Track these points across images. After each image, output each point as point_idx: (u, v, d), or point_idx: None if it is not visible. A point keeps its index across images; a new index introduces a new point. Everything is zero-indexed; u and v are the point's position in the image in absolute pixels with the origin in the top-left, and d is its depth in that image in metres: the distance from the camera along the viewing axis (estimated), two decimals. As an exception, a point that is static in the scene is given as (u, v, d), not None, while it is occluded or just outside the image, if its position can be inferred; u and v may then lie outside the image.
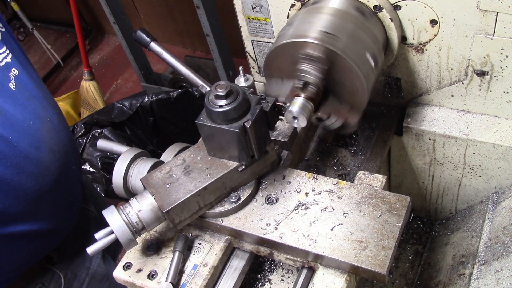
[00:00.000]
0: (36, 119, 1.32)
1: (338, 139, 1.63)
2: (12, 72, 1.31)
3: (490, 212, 1.46)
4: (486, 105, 1.41)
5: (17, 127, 1.26)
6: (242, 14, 1.52)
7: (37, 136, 1.31)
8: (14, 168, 1.23)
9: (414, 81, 1.46)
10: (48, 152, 1.34)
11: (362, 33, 1.24)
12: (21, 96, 1.30)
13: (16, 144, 1.24)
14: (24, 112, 1.29)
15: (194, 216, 1.20)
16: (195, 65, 3.58)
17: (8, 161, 1.22)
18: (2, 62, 1.29)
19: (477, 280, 1.27)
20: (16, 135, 1.24)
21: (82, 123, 2.62)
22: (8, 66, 1.31)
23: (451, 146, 1.48)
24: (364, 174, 1.28)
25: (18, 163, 1.24)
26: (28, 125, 1.29)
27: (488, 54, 1.28)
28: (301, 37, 1.19)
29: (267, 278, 1.34)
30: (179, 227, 1.21)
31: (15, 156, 1.23)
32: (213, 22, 2.75)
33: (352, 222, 1.14)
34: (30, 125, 1.29)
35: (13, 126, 1.25)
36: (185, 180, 1.18)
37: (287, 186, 1.24)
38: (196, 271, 1.19)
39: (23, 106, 1.30)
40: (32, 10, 4.33)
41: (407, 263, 1.71)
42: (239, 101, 1.11)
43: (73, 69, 4.38)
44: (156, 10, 3.86)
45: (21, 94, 1.30)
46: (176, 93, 2.75)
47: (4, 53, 1.31)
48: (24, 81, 1.34)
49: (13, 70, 1.31)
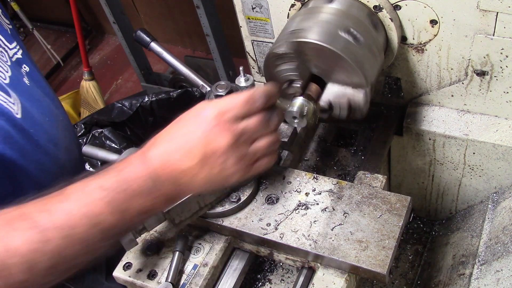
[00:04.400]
0: (51, 116, 1.27)
1: (338, 139, 1.64)
2: (23, 69, 1.25)
3: (490, 212, 1.46)
4: (486, 105, 1.41)
5: (35, 122, 1.20)
6: (242, 14, 1.52)
7: (53, 133, 1.26)
8: (36, 164, 1.17)
9: (414, 81, 1.46)
10: (63, 150, 1.29)
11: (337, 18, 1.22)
12: (35, 92, 1.25)
13: (36, 139, 1.17)
14: (40, 108, 1.23)
15: (194, 216, 1.20)
16: (195, 65, 3.58)
17: (30, 156, 1.15)
18: (13, 57, 1.24)
19: (477, 280, 1.27)
20: (36, 130, 1.18)
21: (82, 123, 2.61)
22: (19, 62, 1.25)
23: (451, 146, 1.48)
24: (364, 174, 1.28)
25: (39, 159, 1.18)
26: (45, 121, 1.23)
27: (488, 54, 1.28)
28: (302, 37, 1.19)
29: (267, 278, 1.34)
30: (179, 227, 1.21)
31: (36, 151, 1.17)
32: (213, 22, 2.75)
33: (352, 222, 1.14)
34: (47, 121, 1.23)
35: (32, 120, 1.18)
36: (185, 180, 1.18)
37: (287, 186, 1.25)
38: (196, 271, 1.19)
39: (39, 102, 1.25)
40: (32, 10, 4.33)
41: (407, 263, 1.71)
42: (239, 101, 1.11)
43: (73, 69, 4.38)
44: (156, 10, 3.86)
45: (35, 91, 1.25)
46: (176, 93, 2.75)
47: (14, 49, 1.25)
48: (35, 78, 1.29)
49: (24, 67, 1.26)
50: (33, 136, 1.16)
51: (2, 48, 1.21)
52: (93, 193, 0.86)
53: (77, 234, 0.83)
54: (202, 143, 0.90)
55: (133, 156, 0.92)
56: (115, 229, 0.88)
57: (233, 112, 0.92)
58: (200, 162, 0.91)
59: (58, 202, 0.84)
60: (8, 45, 1.23)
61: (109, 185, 0.87)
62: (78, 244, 0.84)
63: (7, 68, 1.18)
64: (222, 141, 0.90)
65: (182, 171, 0.91)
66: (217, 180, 0.94)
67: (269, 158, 1.00)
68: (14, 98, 1.14)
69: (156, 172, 0.90)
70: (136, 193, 0.88)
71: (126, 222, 0.89)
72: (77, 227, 0.83)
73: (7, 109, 1.10)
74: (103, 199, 0.85)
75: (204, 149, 0.90)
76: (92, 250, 0.87)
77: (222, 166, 0.92)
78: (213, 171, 0.92)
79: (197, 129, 0.92)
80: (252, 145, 0.95)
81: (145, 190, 0.89)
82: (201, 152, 0.91)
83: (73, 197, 0.85)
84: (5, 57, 1.20)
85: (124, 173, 0.89)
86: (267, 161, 1.00)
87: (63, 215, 0.83)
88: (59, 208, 0.83)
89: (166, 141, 0.93)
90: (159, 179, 0.90)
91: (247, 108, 0.93)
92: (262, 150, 0.97)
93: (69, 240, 0.83)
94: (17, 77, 1.20)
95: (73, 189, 0.87)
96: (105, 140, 2.51)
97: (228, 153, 0.91)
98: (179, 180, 0.92)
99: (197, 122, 0.92)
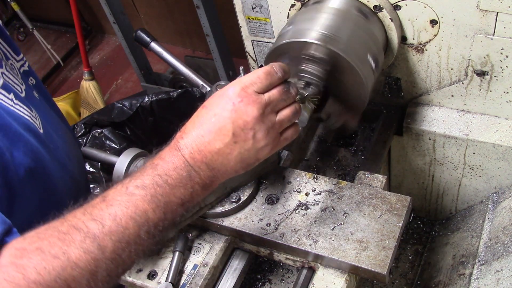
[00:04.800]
0: (60, 129, 1.25)
1: (338, 139, 1.63)
2: (30, 81, 1.23)
3: (490, 212, 1.46)
4: (486, 105, 1.41)
5: (53, 137, 1.18)
6: (242, 14, 1.52)
7: (67, 147, 1.24)
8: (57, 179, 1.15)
9: (414, 81, 1.46)
10: (77, 165, 1.28)
11: (362, 33, 1.24)
12: (44, 105, 1.23)
13: (56, 154, 1.16)
14: (51, 122, 1.21)
15: (194, 217, 1.20)
16: (195, 65, 3.58)
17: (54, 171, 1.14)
18: (21, 69, 1.21)
19: (477, 280, 1.27)
20: (55, 145, 1.17)
21: (82, 123, 2.61)
22: (27, 74, 1.23)
23: (451, 146, 1.48)
24: (364, 174, 1.28)
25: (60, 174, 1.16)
26: (58, 135, 1.21)
27: (488, 54, 1.28)
28: (302, 37, 1.19)
29: (267, 278, 1.34)
30: (180, 227, 1.21)
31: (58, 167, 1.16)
32: (213, 22, 2.75)
33: (352, 222, 1.14)
34: (59, 135, 1.22)
35: (50, 135, 1.16)
36: (185, 180, 1.18)
37: (288, 186, 1.24)
38: (196, 271, 1.19)
39: (49, 115, 1.23)
40: (32, 10, 4.32)
41: (407, 263, 1.71)
42: (239, 101, 1.11)
43: (73, 69, 4.38)
44: (156, 10, 3.86)
45: (43, 104, 1.23)
46: (176, 93, 2.75)
47: (21, 61, 1.22)
48: (42, 91, 1.27)
49: (31, 79, 1.24)
50: (54, 151, 1.15)
51: (11, 60, 1.18)
52: (134, 193, 0.87)
53: (128, 236, 0.84)
54: (231, 120, 0.92)
55: (165, 150, 0.94)
56: (160, 224, 0.89)
57: (256, 85, 0.94)
58: (232, 139, 0.92)
59: (103, 209, 0.85)
60: (16, 57, 1.20)
61: (148, 182, 0.88)
62: (130, 245, 0.85)
63: (20, 81, 1.16)
64: (250, 113, 0.92)
65: (216, 153, 0.92)
66: (249, 157, 0.95)
67: (294, 128, 1.02)
68: (34, 112, 1.12)
69: (191, 159, 0.91)
70: (175, 184, 0.90)
71: (169, 216, 0.90)
72: (126, 229, 0.84)
73: (33, 124, 1.08)
74: (145, 197, 0.87)
75: (234, 125, 0.92)
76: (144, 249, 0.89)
77: (253, 139, 0.93)
78: (245, 147, 0.93)
79: (224, 109, 0.93)
80: (278, 115, 0.97)
81: (183, 180, 0.91)
82: (232, 129, 0.92)
83: (116, 202, 0.86)
84: (15, 69, 1.18)
85: (160, 167, 0.90)
86: (292, 131, 1.01)
87: (111, 220, 0.84)
88: (106, 214, 0.84)
89: (195, 128, 0.94)
90: (194, 165, 0.91)
91: (268, 81, 0.95)
92: (288, 119, 0.98)
93: (122, 244, 0.84)
94: (29, 90, 1.18)
95: (114, 194, 0.87)
96: (105, 140, 2.50)
97: (257, 125, 0.93)
98: (214, 163, 0.93)
99: (223, 103, 0.93)
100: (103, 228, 0.83)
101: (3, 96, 1.04)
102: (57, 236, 0.80)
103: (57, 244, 0.79)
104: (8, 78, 1.09)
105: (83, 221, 0.83)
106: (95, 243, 0.81)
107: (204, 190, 0.94)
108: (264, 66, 0.98)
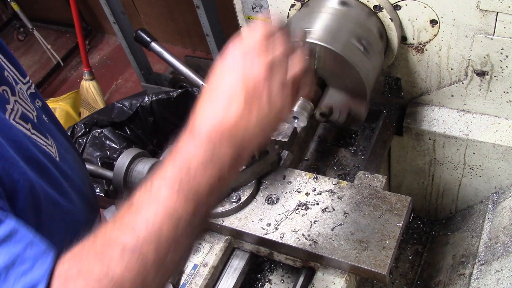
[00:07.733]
0: (69, 152, 1.20)
1: (338, 139, 1.63)
2: (37, 103, 1.17)
3: (490, 212, 1.46)
4: (486, 105, 1.41)
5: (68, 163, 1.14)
6: (242, 14, 1.51)
7: (81, 172, 1.20)
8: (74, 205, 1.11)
9: (414, 81, 1.46)
10: (90, 189, 1.23)
11: (343, 21, 1.22)
12: (53, 129, 1.18)
13: (72, 178, 1.12)
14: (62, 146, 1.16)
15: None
16: (195, 65, 3.58)
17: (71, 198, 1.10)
18: (28, 92, 1.15)
19: (477, 280, 1.27)
20: (71, 172, 1.12)
21: (82, 123, 2.61)
22: (34, 97, 1.16)
23: (451, 146, 1.48)
24: (364, 174, 1.28)
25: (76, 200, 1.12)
26: (70, 160, 1.16)
27: (488, 54, 1.28)
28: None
29: (267, 278, 1.34)
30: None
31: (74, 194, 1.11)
32: (213, 22, 2.75)
33: (352, 222, 1.14)
34: (70, 159, 1.17)
35: (66, 161, 1.12)
36: (185, 180, 1.18)
37: (288, 186, 1.25)
38: (196, 271, 1.19)
39: (60, 139, 1.17)
40: (32, 10, 4.32)
41: (407, 263, 1.71)
42: (239, 101, 1.10)
43: (73, 69, 4.38)
44: (156, 10, 3.86)
45: (52, 127, 1.18)
46: (176, 93, 2.75)
47: (28, 83, 1.17)
48: (49, 113, 1.21)
49: (37, 102, 1.17)
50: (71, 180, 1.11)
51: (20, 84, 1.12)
52: (160, 191, 0.82)
53: (165, 236, 0.80)
54: (240, 84, 0.87)
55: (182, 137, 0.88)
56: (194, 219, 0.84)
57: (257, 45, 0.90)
58: (246, 104, 0.86)
59: (134, 216, 0.81)
60: (23, 80, 1.15)
61: (171, 174, 0.83)
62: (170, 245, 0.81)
63: (31, 106, 1.10)
64: (258, 70, 0.87)
65: (234, 124, 0.86)
66: (270, 119, 0.89)
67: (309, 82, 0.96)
68: (50, 140, 1.08)
69: (210, 139, 0.85)
70: (199, 169, 0.84)
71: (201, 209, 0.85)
72: (162, 230, 0.80)
73: (51, 154, 1.05)
74: (172, 190, 0.82)
75: (245, 88, 0.87)
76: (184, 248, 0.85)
77: (268, 99, 0.88)
78: (263, 109, 0.87)
79: (230, 77, 0.88)
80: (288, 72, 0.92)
81: (207, 162, 0.84)
82: (244, 93, 0.87)
83: (145, 204, 0.81)
84: (24, 94, 1.10)
85: (180, 156, 0.85)
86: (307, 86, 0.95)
87: (145, 225, 0.79)
88: (138, 220, 0.80)
89: (206, 106, 0.89)
90: (215, 144, 0.85)
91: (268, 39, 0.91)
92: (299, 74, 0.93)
93: (162, 246, 0.80)
94: (40, 115, 1.13)
95: (141, 197, 0.83)
96: (105, 140, 2.51)
97: (269, 82, 0.88)
98: (235, 136, 0.86)
99: (227, 72, 0.89)
100: (139, 236, 0.78)
101: (22, 127, 1.00)
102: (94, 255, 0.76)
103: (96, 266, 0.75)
104: (22, 107, 1.05)
105: (118, 234, 0.78)
106: (135, 254, 0.77)
107: (232, 169, 0.88)
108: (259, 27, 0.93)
